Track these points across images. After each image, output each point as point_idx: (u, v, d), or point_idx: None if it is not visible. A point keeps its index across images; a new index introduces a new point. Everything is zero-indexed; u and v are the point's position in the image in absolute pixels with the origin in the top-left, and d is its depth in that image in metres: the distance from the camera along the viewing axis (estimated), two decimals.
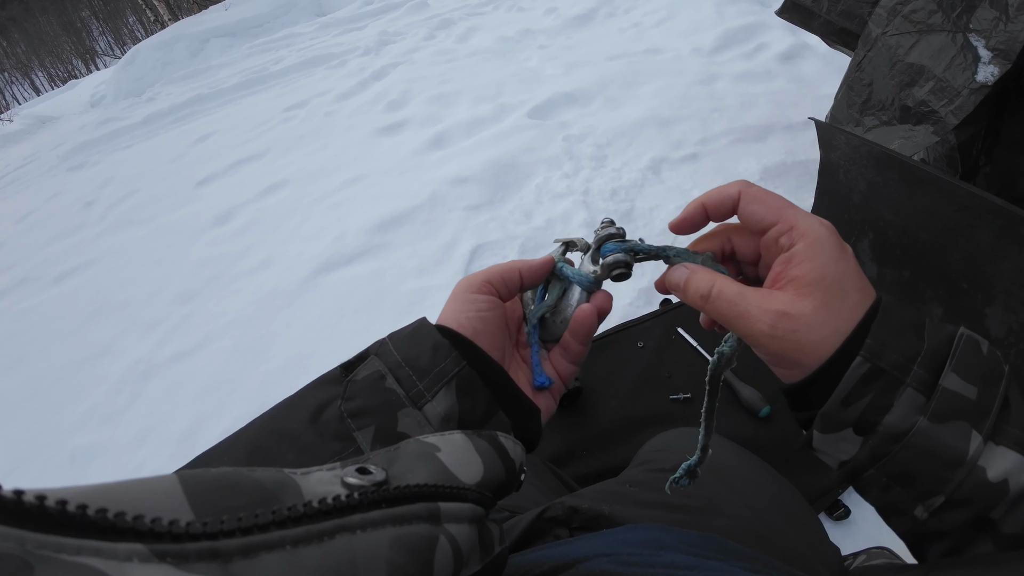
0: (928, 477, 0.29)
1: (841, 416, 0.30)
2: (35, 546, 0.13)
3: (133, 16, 18.93)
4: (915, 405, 0.29)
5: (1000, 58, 1.04)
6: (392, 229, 2.13)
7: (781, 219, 0.32)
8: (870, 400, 0.29)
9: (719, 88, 2.50)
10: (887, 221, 1.26)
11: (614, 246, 0.39)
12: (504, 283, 0.40)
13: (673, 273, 0.37)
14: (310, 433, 0.32)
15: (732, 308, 0.32)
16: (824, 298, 0.30)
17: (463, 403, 0.35)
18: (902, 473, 0.29)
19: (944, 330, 0.30)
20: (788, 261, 0.32)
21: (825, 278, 0.30)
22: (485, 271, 0.40)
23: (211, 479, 0.18)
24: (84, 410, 1.76)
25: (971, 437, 0.28)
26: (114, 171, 3.92)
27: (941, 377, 0.29)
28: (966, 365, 0.29)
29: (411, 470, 0.24)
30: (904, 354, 0.29)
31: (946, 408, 0.28)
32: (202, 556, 0.15)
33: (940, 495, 0.28)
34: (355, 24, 6.09)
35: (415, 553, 0.20)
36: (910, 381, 0.29)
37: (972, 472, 0.28)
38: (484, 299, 0.39)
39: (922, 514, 0.29)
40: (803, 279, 0.31)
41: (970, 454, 0.28)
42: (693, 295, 0.35)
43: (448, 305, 0.39)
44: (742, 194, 0.34)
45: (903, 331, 0.30)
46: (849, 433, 0.31)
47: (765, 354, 0.32)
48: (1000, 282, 1.02)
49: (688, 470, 0.42)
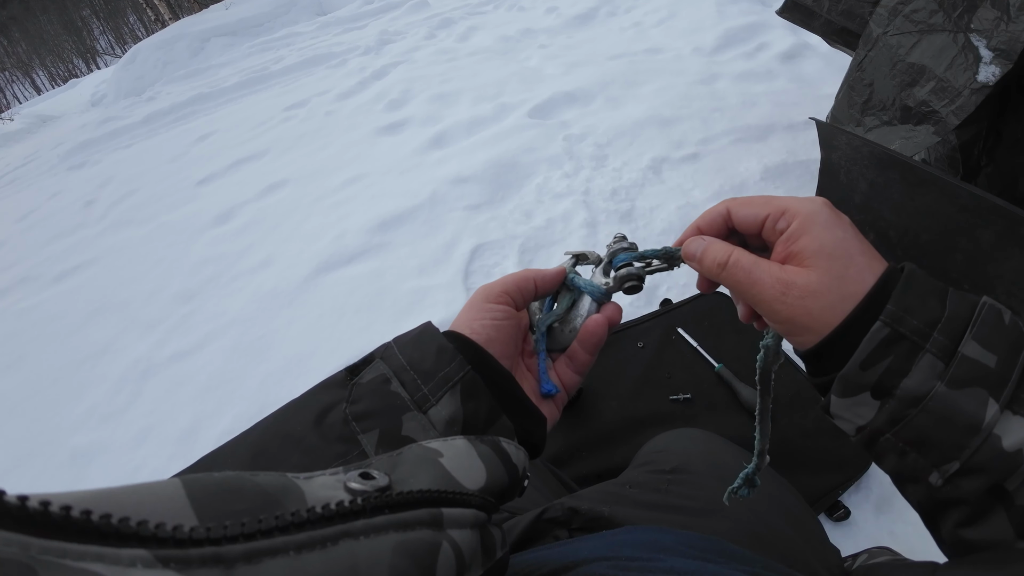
0: (944, 443, 0.29)
1: (860, 380, 0.31)
2: (39, 551, 0.13)
3: (134, 15, 18.93)
4: (934, 371, 0.29)
5: (1001, 58, 1.04)
6: (392, 228, 2.13)
7: (772, 208, 0.34)
8: (889, 363, 0.30)
9: (720, 88, 2.49)
10: (888, 221, 1.26)
11: (626, 256, 0.40)
12: (520, 292, 0.41)
13: (690, 245, 0.38)
14: (314, 436, 0.32)
15: (747, 276, 0.34)
16: (827, 265, 0.31)
17: (467, 407, 0.35)
18: (918, 438, 0.29)
19: (966, 299, 0.30)
20: (787, 240, 0.33)
21: (824, 247, 0.32)
22: (502, 281, 0.41)
23: (214, 484, 0.18)
24: (84, 409, 1.76)
25: (988, 404, 0.28)
26: (114, 170, 3.92)
27: (961, 344, 0.29)
28: (987, 333, 0.29)
29: (414, 475, 0.24)
30: (925, 320, 0.29)
31: (964, 375, 0.28)
32: (205, 561, 0.15)
33: (955, 461, 0.28)
34: (355, 23, 6.09)
35: (418, 559, 0.20)
36: (929, 347, 0.29)
37: (988, 440, 0.28)
38: (501, 309, 0.39)
39: (937, 480, 0.29)
40: (804, 252, 0.32)
41: (986, 421, 0.28)
42: (710, 263, 0.36)
43: (464, 312, 0.40)
44: (730, 207, 0.37)
45: (925, 298, 0.30)
46: (867, 397, 0.31)
47: (777, 321, 0.34)
48: (1001, 283, 1.02)
49: (746, 478, 0.41)
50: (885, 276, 0.31)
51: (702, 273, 0.37)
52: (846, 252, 0.32)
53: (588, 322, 0.41)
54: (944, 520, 0.31)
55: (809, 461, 1.05)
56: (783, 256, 0.34)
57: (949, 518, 0.31)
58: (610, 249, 0.41)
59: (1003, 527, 0.28)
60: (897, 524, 1.01)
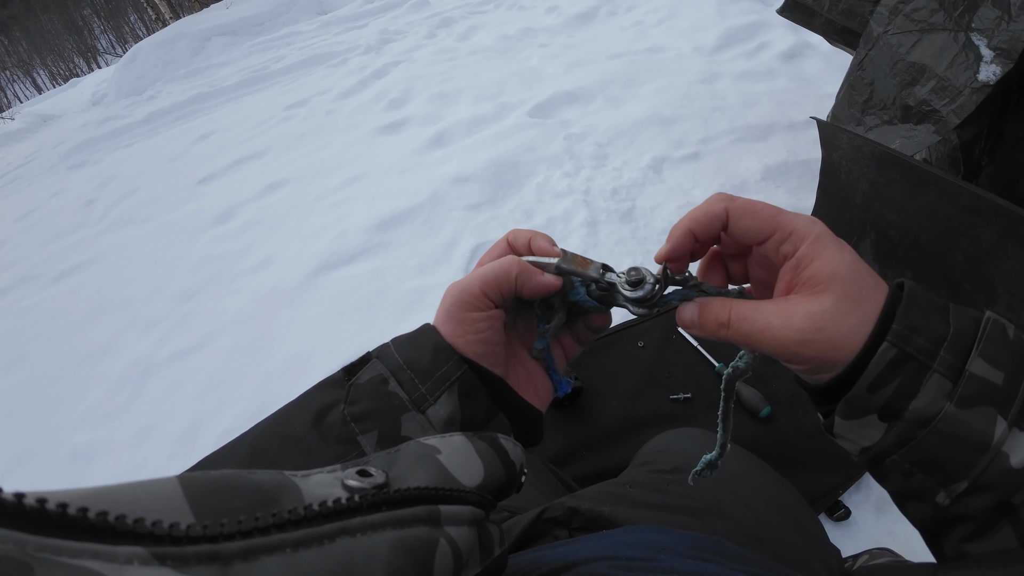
0: (953, 463, 0.28)
1: (867, 402, 0.30)
2: (35, 548, 0.13)
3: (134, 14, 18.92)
4: (942, 391, 0.28)
5: (1002, 57, 1.04)
6: (392, 228, 2.13)
7: (777, 227, 0.32)
8: (897, 385, 0.29)
9: (721, 87, 2.49)
10: (889, 221, 1.25)
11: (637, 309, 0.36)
12: (500, 292, 0.36)
13: (684, 312, 0.35)
14: (313, 436, 0.32)
15: (754, 326, 0.31)
16: (843, 290, 0.30)
17: (465, 406, 0.34)
18: (926, 459, 0.29)
19: (969, 314, 0.30)
20: (797, 266, 0.31)
21: (837, 271, 0.30)
22: (478, 279, 0.36)
23: (211, 482, 0.18)
24: (84, 408, 1.76)
25: (996, 422, 0.28)
26: (115, 170, 3.92)
27: (968, 362, 0.28)
28: (993, 350, 0.28)
29: (411, 472, 0.24)
30: (931, 339, 0.29)
31: (972, 393, 0.28)
32: (202, 559, 0.15)
33: (963, 481, 0.28)
34: (356, 22, 6.09)
35: (414, 556, 0.20)
36: (937, 366, 0.28)
37: (996, 458, 0.27)
38: (483, 317, 0.36)
39: (944, 500, 0.29)
40: (817, 277, 0.30)
41: (995, 440, 0.27)
42: (712, 325, 0.33)
43: (444, 323, 0.36)
44: (729, 210, 0.33)
45: (929, 315, 0.29)
46: (873, 419, 0.30)
47: (799, 363, 0.31)
48: (1002, 283, 1.01)
49: (709, 463, 0.43)
50: (891, 296, 0.30)
51: (704, 336, 0.34)
52: (857, 276, 0.30)
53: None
54: (948, 536, 0.31)
55: (809, 461, 1.05)
56: (788, 283, 0.32)
57: (954, 534, 0.30)
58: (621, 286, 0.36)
59: (1008, 540, 0.28)
60: (897, 524, 1.01)
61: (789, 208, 0.35)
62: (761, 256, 0.34)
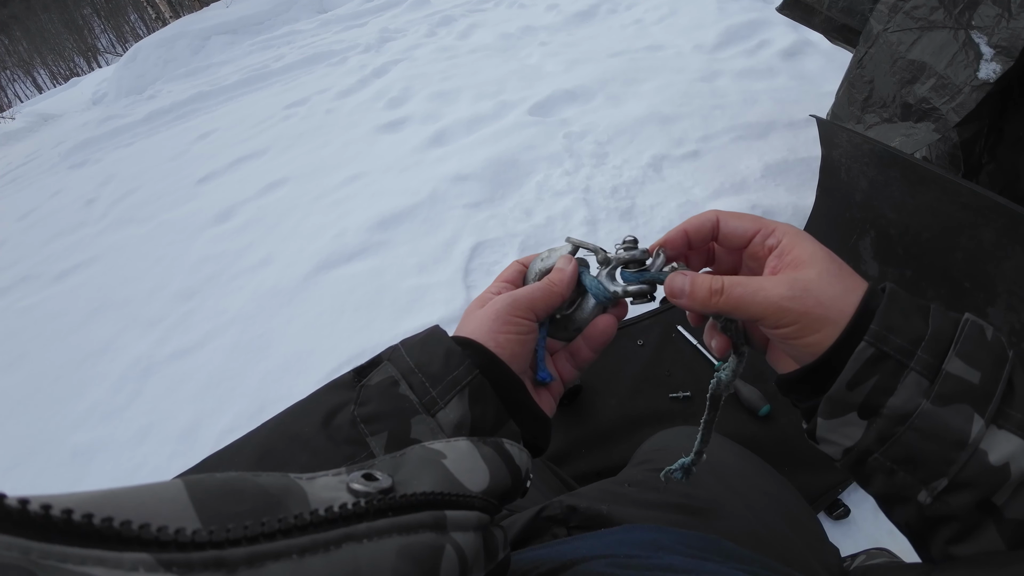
0: (933, 459, 0.29)
1: (847, 399, 0.31)
2: (40, 556, 0.13)
3: (135, 13, 18.86)
4: (919, 388, 0.29)
5: (1002, 55, 1.04)
6: (392, 227, 2.13)
7: (762, 226, 0.36)
8: (875, 383, 0.30)
9: (721, 85, 2.49)
10: (889, 219, 1.25)
11: (634, 277, 0.40)
12: (546, 310, 0.40)
13: (673, 282, 0.37)
14: (321, 437, 0.32)
15: (747, 288, 0.33)
16: (824, 266, 0.32)
17: (474, 411, 0.34)
18: (907, 456, 0.30)
19: (949, 316, 0.31)
20: (780, 254, 0.34)
21: (816, 255, 0.33)
22: (529, 295, 0.39)
23: (216, 485, 0.18)
24: (85, 407, 1.76)
25: (973, 419, 0.28)
26: (115, 169, 3.92)
27: (945, 361, 0.29)
28: (970, 349, 0.29)
29: (417, 477, 0.24)
30: (908, 338, 0.30)
31: (949, 391, 0.29)
32: (207, 565, 0.15)
33: (944, 478, 0.29)
34: (356, 21, 6.07)
35: (421, 563, 0.20)
36: (913, 365, 0.29)
37: (975, 455, 0.28)
38: (527, 324, 0.39)
39: (926, 499, 0.30)
40: (798, 259, 0.33)
41: (972, 436, 0.28)
42: (703, 293, 0.35)
43: (484, 320, 0.38)
44: (719, 216, 0.37)
45: (909, 316, 0.31)
46: (853, 417, 0.31)
47: (789, 322, 0.32)
48: (1002, 281, 1.01)
49: (683, 467, 0.44)
50: (867, 296, 0.32)
51: (693, 307, 0.36)
52: (837, 263, 0.33)
53: (599, 321, 0.41)
54: (934, 538, 0.31)
55: (809, 459, 1.05)
56: (775, 269, 0.34)
57: (939, 536, 0.31)
58: (618, 257, 0.40)
59: (993, 541, 0.29)
60: None
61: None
62: (749, 257, 0.37)
